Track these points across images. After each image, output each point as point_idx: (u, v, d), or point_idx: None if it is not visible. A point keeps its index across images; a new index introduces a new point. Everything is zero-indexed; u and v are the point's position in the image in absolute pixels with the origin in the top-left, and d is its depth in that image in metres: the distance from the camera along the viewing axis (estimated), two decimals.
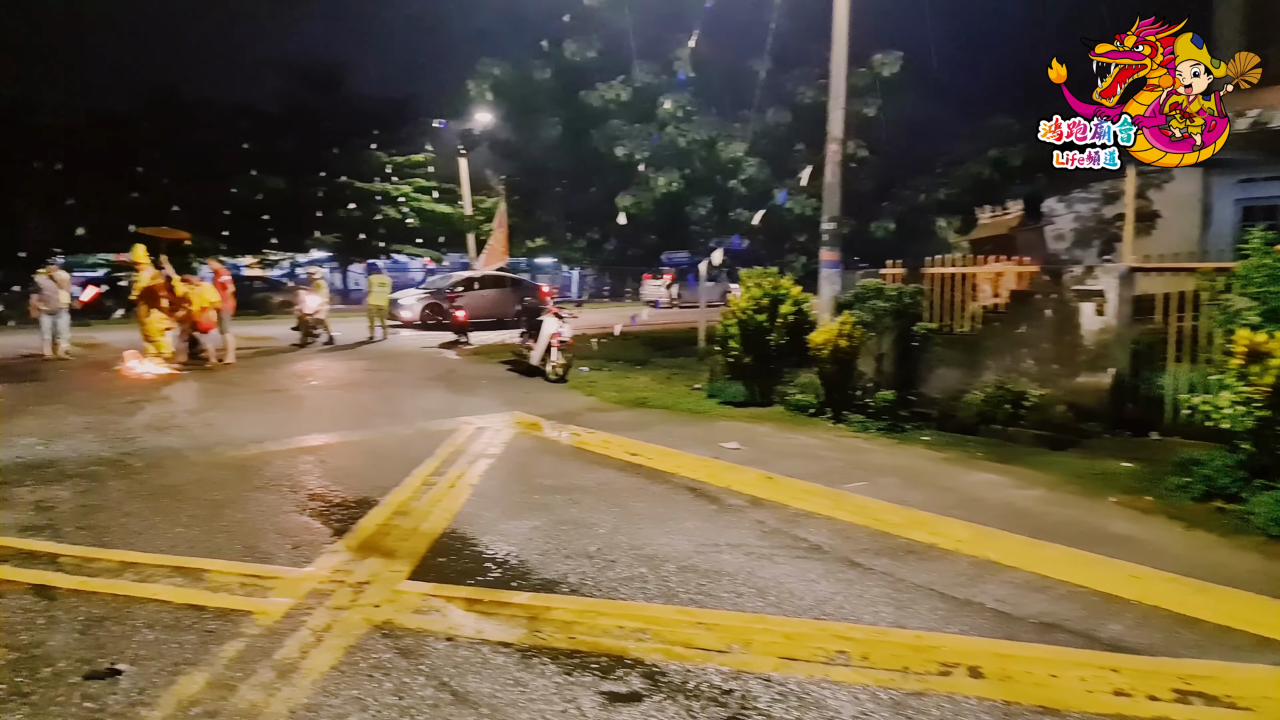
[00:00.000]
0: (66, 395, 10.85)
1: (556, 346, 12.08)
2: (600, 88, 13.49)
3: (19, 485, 6.43)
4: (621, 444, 7.91)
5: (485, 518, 5.62)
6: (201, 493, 6.23)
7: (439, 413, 9.62)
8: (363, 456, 7.49)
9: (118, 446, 7.84)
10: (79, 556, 4.81)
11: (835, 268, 9.74)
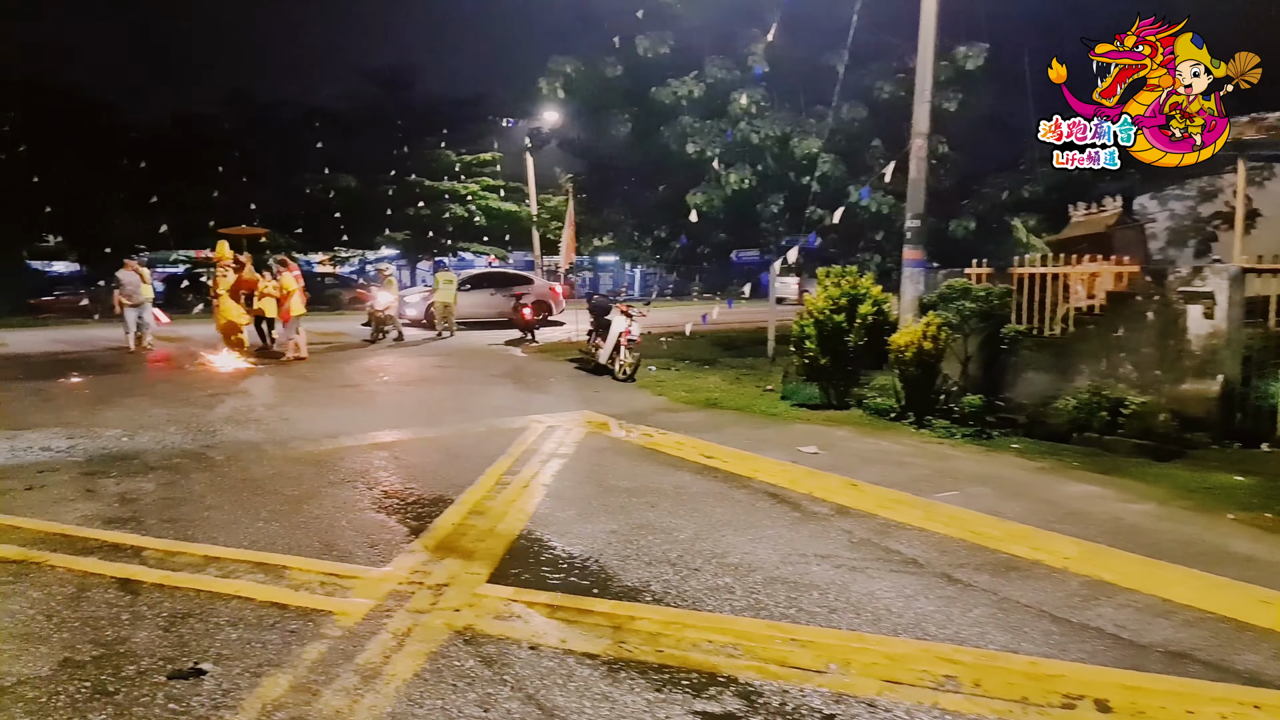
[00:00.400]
0: (149, 388, 11.14)
1: (625, 345, 11.94)
2: (672, 84, 13.28)
3: (105, 476, 6.55)
4: (695, 446, 7.71)
5: (561, 520, 5.49)
6: (281, 487, 6.25)
7: (509, 410, 9.57)
8: (436, 453, 7.46)
9: (199, 439, 7.97)
10: (163, 550, 4.83)
11: (920, 267, 9.37)
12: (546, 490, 6.21)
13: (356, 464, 7.02)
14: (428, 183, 30.97)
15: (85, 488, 6.20)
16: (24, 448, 7.49)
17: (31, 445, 7.57)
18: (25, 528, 5.21)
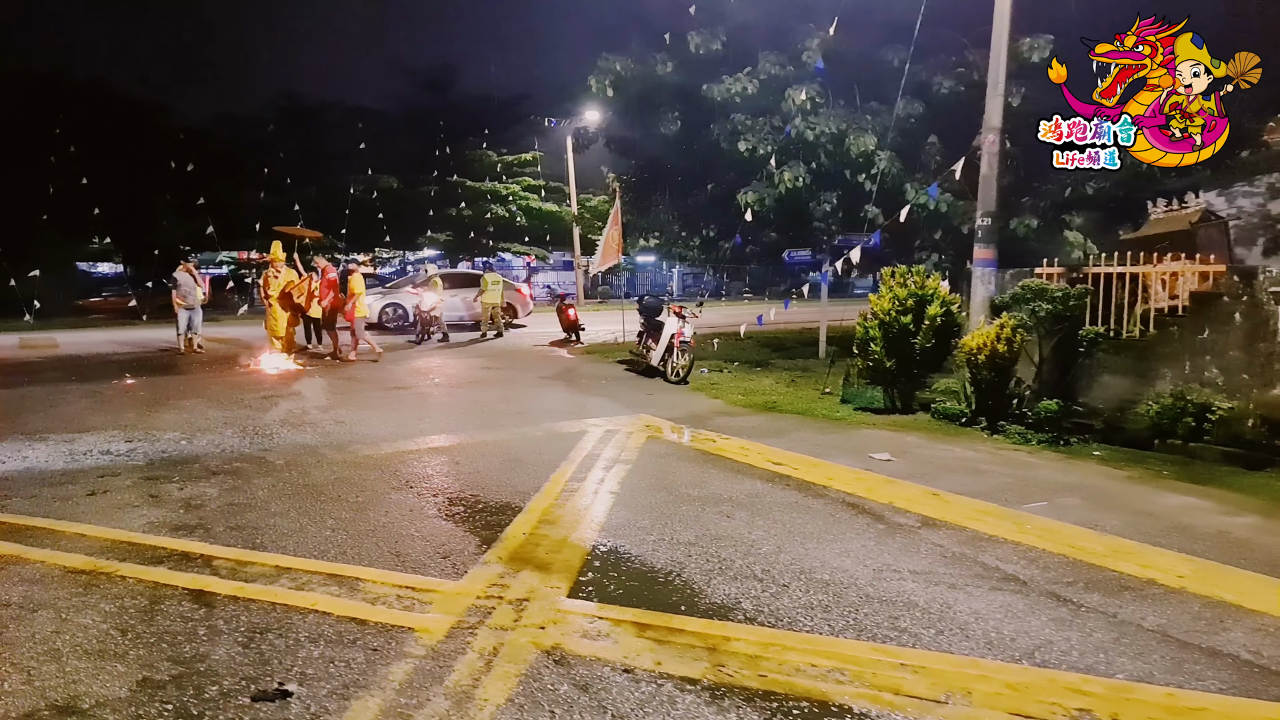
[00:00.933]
0: (203, 389, 11.16)
1: (678, 347, 11.73)
2: (725, 80, 13.04)
3: (168, 481, 6.48)
4: (761, 451, 7.48)
5: (635, 530, 5.29)
6: (344, 493, 6.13)
7: (565, 413, 9.41)
8: (496, 458, 7.30)
9: (256, 442, 7.90)
10: (233, 560, 4.71)
11: (990, 267, 9.02)
12: (615, 498, 6.01)
13: (417, 469, 6.89)
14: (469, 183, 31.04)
15: (148, 493, 6.13)
16: (83, 451, 7.47)
17: (91, 449, 7.55)
18: (91, 535, 5.13)
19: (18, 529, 5.22)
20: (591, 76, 14.47)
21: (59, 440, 7.87)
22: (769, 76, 13.14)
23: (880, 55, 12.96)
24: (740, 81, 12.99)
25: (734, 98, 13.15)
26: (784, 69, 13.15)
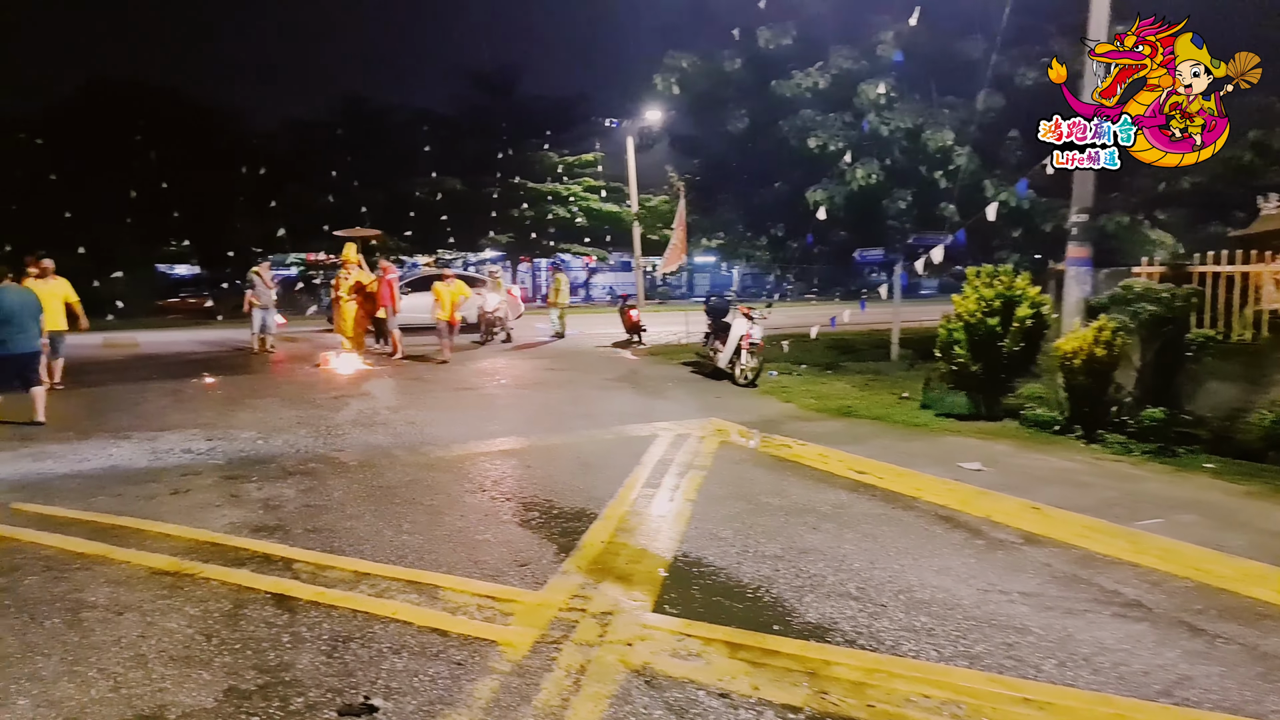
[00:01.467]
0: (277, 389, 11.30)
1: (746, 349, 11.47)
2: (796, 75, 12.72)
3: (246, 480, 6.50)
4: (842, 459, 7.19)
5: (717, 541, 5.08)
6: (418, 496, 6.06)
7: (633, 416, 9.24)
8: (568, 462, 7.16)
9: (330, 442, 7.91)
10: (313, 563, 4.65)
11: (1085, 266, 8.56)
12: (693, 506, 5.81)
13: (489, 471, 6.79)
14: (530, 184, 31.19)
15: (229, 492, 6.15)
16: (166, 449, 7.57)
17: (173, 447, 7.65)
18: (176, 535, 5.13)
19: (104, 528, 5.26)
20: (657, 74, 14.28)
21: (143, 438, 8.00)
22: (841, 71, 12.77)
23: (958, 47, 12.50)
24: (811, 77, 12.65)
25: (804, 93, 12.82)
26: (857, 63, 12.76)
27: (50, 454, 7.35)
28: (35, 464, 6.98)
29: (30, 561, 4.64)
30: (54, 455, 7.31)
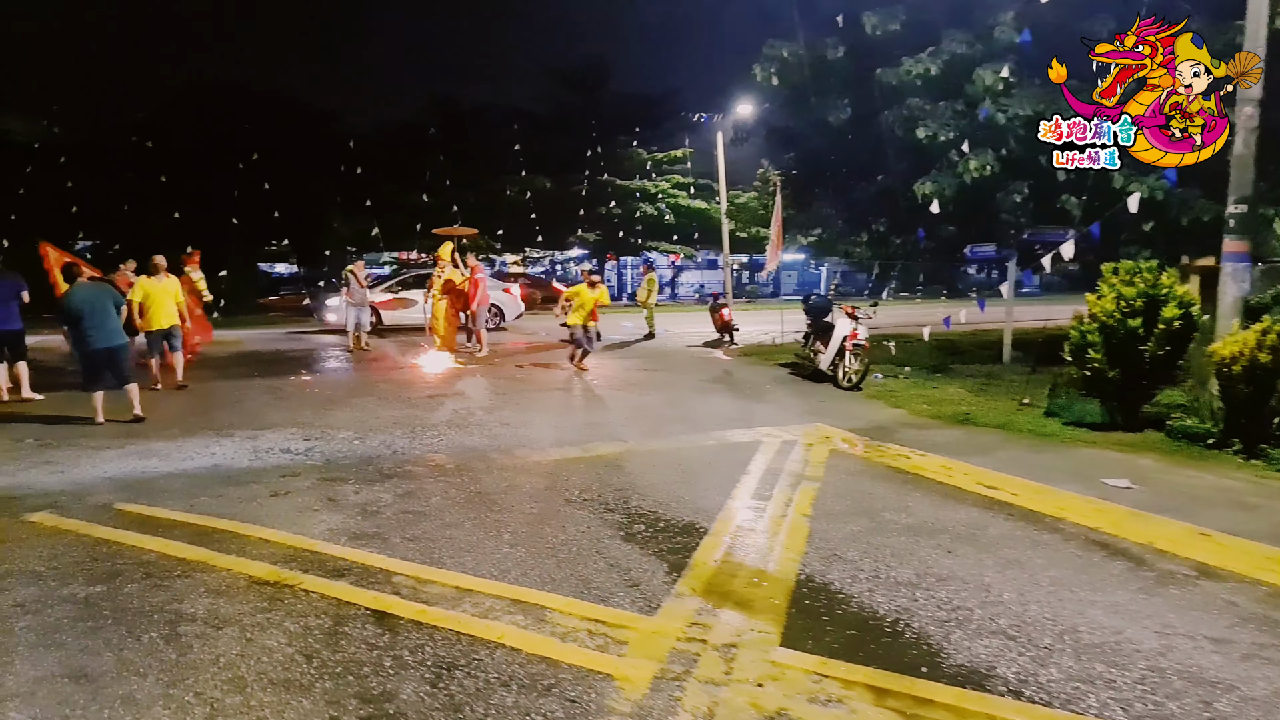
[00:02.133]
0: (373, 388, 11.32)
1: (851, 350, 10.90)
2: (906, 63, 12.05)
3: (344, 483, 6.38)
4: (968, 472, 6.62)
5: (842, 564, 4.63)
6: (517, 503, 5.80)
7: (734, 421, 8.83)
8: (669, 470, 6.81)
9: (426, 444, 7.77)
10: (413, 576, 4.42)
11: (1243, 261, 7.70)
12: (810, 523, 5.37)
13: (588, 479, 6.50)
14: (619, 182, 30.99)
15: (327, 495, 6.02)
16: (266, 449, 7.55)
17: (273, 447, 7.62)
18: (275, 541, 4.99)
19: (206, 532, 5.17)
20: (756, 64, 13.81)
21: (244, 437, 8.03)
22: (953, 56, 12.04)
23: (1084, 27, 11.59)
24: (922, 63, 11.96)
25: (913, 81, 12.14)
26: (971, 47, 12.01)
27: (155, 452, 7.42)
28: (141, 462, 7.04)
29: (131, 567, 4.56)
30: (159, 454, 7.37)
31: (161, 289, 10.85)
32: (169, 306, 10.94)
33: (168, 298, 10.92)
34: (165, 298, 10.87)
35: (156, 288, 10.83)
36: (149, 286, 10.77)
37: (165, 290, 10.92)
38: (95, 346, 8.75)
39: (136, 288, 10.70)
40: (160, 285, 10.87)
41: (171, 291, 11.04)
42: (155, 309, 10.76)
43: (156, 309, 10.77)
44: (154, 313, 10.75)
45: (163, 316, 10.84)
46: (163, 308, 10.83)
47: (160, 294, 10.84)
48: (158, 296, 10.81)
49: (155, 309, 10.76)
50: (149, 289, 10.76)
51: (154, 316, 10.76)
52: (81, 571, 4.50)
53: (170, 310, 10.94)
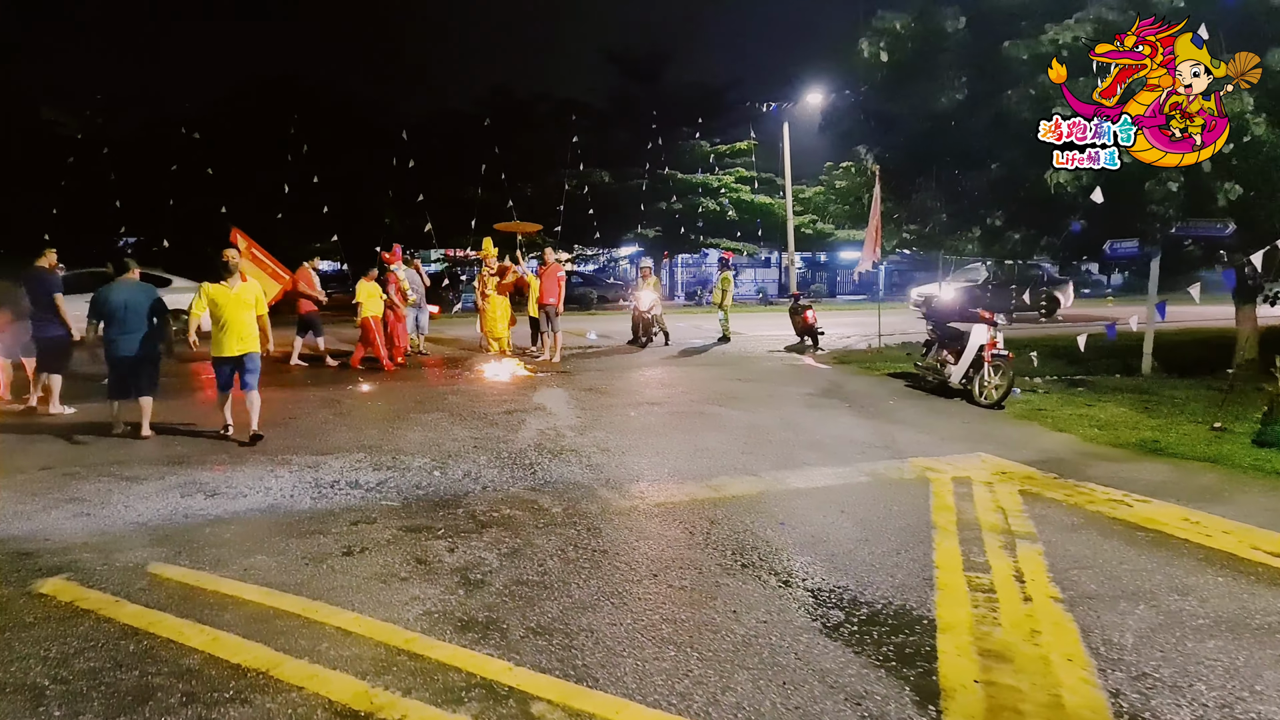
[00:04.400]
0: (440, 400, 10.07)
1: (991, 363, 9.40)
2: (1051, 30, 10.46)
3: (433, 534, 5.09)
4: (1227, 530, 5.14)
5: (1163, 690, 3.23)
6: (660, 570, 4.47)
7: (873, 447, 7.42)
8: (831, 518, 5.42)
9: (518, 476, 6.47)
10: (560, 705, 3.09)
11: None
12: (1068, 611, 3.96)
13: (734, 531, 5.14)
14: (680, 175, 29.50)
15: (414, 554, 4.74)
16: (330, 482, 6.30)
17: (338, 479, 6.37)
18: (358, 633, 3.71)
19: (266, 615, 3.90)
20: (863, 39, 12.32)
21: (303, 465, 6.79)
22: (1101, 24, 10.42)
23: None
24: (1069, 30, 10.35)
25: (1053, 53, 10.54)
26: (1123, 13, 10.38)
27: (201, 485, 6.21)
28: (184, 500, 5.82)
29: (168, 680, 3.29)
30: (205, 487, 6.15)
31: (236, 299, 7.47)
32: (245, 324, 7.53)
33: (244, 312, 7.52)
34: (241, 312, 7.49)
35: (228, 297, 7.47)
36: (217, 294, 7.46)
37: (240, 301, 7.51)
38: (119, 354, 7.69)
39: (199, 297, 7.49)
40: (234, 294, 7.48)
41: (249, 303, 7.59)
42: (228, 327, 7.47)
43: (230, 328, 7.47)
44: (224, 333, 7.49)
45: (235, 339, 7.49)
46: (237, 326, 7.47)
47: (235, 306, 7.46)
48: (232, 310, 7.45)
49: (228, 327, 7.47)
50: (217, 297, 7.45)
51: (224, 338, 7.49)
52: (100, 689, 3.24)
53: (248, 329, 7.56)
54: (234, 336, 7.49)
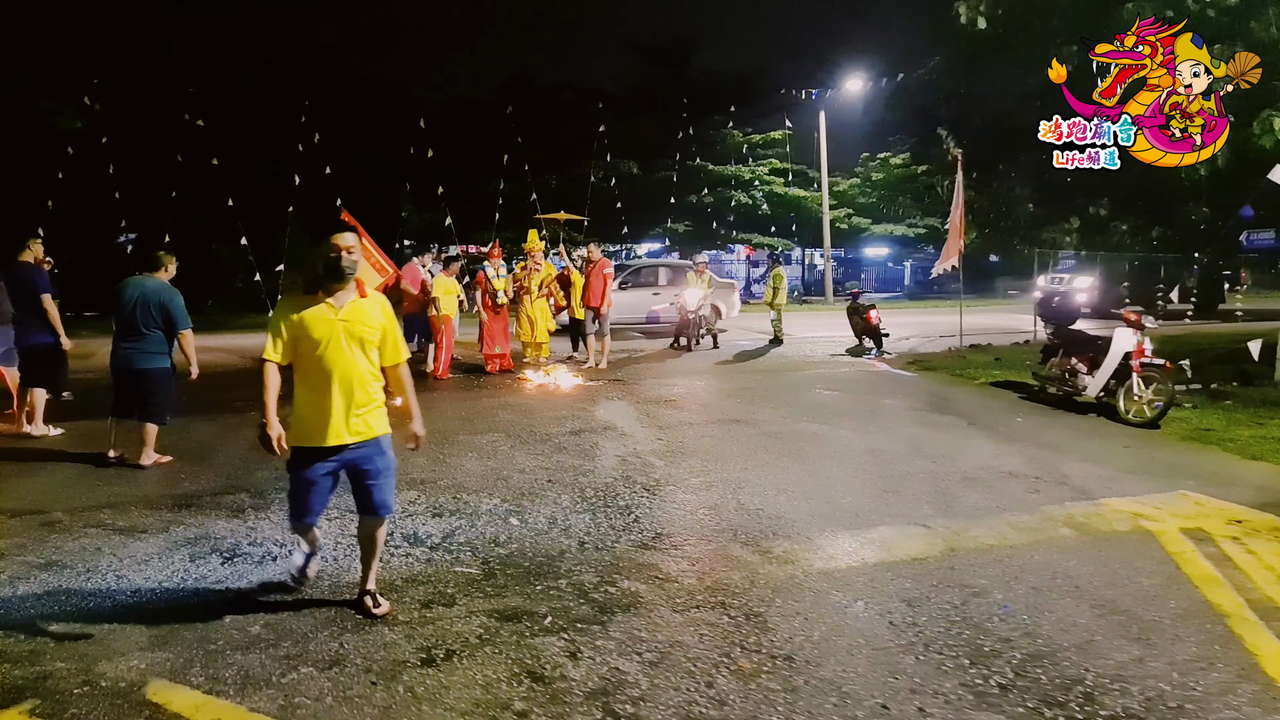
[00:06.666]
0: (490, 417, 8.66)
1: (1140, 373, 7.98)
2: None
3: (539, 626, 3.68)
4: None
5: None
6: (888, 697, 3.06)
7: (1038, 481, 6.04)
8: (1061, 598, 4.02)
9: (619, 526, 5.08)
10: None
11: None
12: None
13: (952, 623, 3.74)
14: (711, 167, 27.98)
15: (522, 662, 3.34)
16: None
17: (391, 530, 4.95)
18: None
19: None
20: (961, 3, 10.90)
21: (344, 509, 5.36)
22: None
23: None
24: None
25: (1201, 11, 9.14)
26: None
27: (215, 542, 4.81)
28: (194, 567, 4.42)
29: None
30: (221, 545, 4.75)
31: (346, 325, 3.63)
32: (362, 376, 3.69)
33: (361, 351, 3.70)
34: (354, 351, 3.67)
35: (329, 324, 3.60)
36: (313, 320, 3.59)
37: (356, 330, 3.66)
38: (121, 365, 6.39)
39: (280, 321, 3.63)
40: (342, 317, 3.62)
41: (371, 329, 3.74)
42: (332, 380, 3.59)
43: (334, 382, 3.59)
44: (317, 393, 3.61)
45: (341, 408, 3.63)
46: (346, 381, 3.64)
47: (345, 339, 3.63)
48: (336, 350, 3.61)
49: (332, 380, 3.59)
50: (312, 324, 3.59)
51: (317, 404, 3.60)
52: None
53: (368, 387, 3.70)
54: (339, 401, 3.59)
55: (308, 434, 3.61)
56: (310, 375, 3.59)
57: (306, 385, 3.61)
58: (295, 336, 3.55)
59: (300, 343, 3.56)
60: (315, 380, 3.58)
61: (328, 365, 3.55)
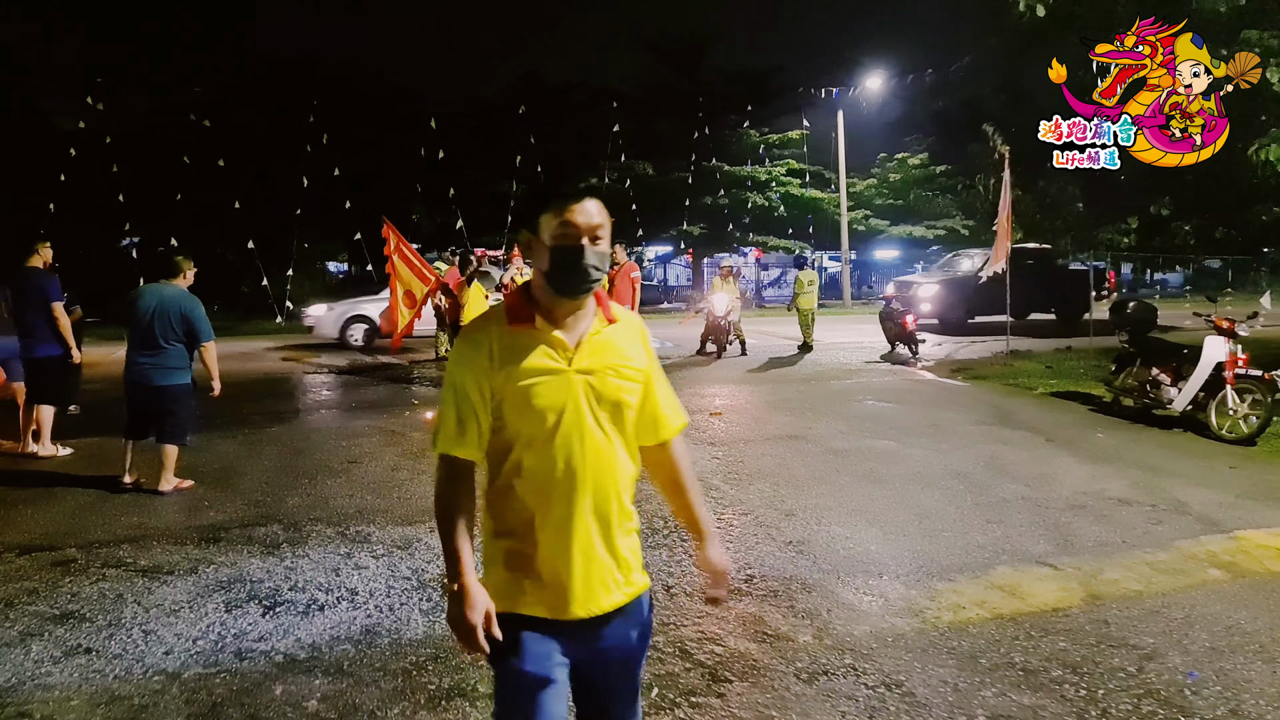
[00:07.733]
0: None
1: (1235, 385, 7.40)
2: None
3: (649, 708, 3.10)
4: None
5: None
6: None
7: (1154, 509, 5.46)
8: (1248, 660, 3.44)
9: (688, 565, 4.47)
10: None
11: None
12: None
13: (1134, 700, 3.15)
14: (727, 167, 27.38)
15: None
16: (439, 574, 4.32)
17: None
18: None
19: None
20: None
21: (392, 543, 4.79)
22: None
23: None
24: None
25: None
26: None
27: (253, 585, 4.22)
28: (230, 619, 3.83)
29: None
30: (259, 591, 4.15)
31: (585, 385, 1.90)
32: (619, 480, 1.86)
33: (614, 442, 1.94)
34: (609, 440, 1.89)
35: (564, 387, 1.90)
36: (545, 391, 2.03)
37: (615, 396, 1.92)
38: (136, 380, 5.79)
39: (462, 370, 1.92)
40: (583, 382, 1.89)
41: (623, 387, 1.96)
42: (570, 503, 1.78)
43: (571, 503, 1.77)
44: (549, 526, 1.77)
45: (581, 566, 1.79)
46: (601, 499, 1.80)
47: (594, 412, 1.84)
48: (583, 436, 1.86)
49: (570, 503, 1.78)
50: (543, 395, 1.96)
51: (546, 541, 1.73)
52: None
53: (619, 504, 1.85)
54: (589, 529, 1.79)
55: (525, 597, 1.78)
56: (531, 479, 1.78)
57: (519, 500, 1.79)
58: (506, 404, 1.76)
59: (517, 417, 1.76)
60: (540, 488, 1.77)
61: (566, 459, 1.76)
